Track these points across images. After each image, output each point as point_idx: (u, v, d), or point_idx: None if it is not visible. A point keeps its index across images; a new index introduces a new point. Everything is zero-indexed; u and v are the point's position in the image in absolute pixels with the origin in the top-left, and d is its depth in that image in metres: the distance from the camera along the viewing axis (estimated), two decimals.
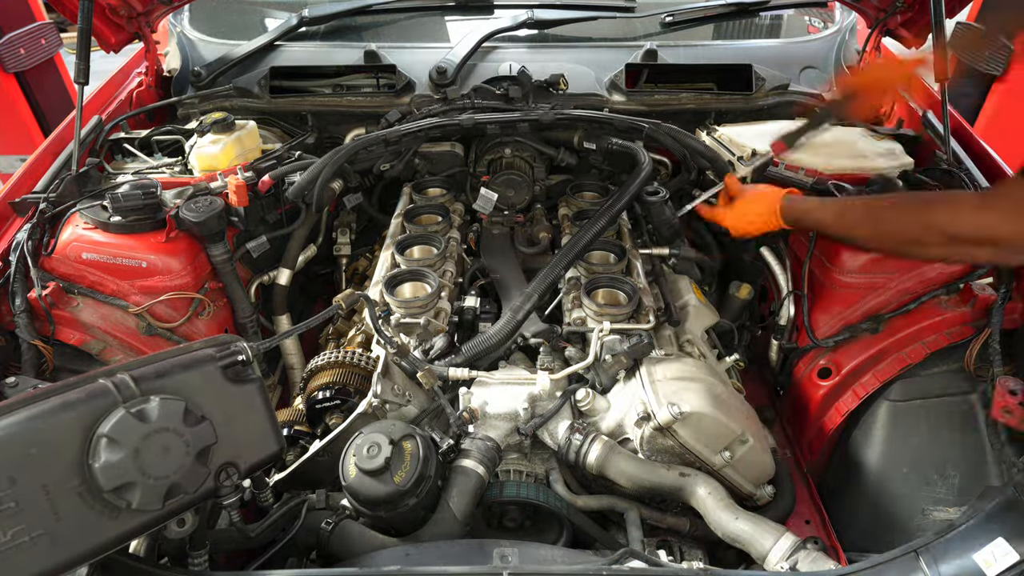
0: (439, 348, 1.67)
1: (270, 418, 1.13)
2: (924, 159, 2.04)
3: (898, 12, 2.21)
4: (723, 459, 1.45)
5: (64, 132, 2.08)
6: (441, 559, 1.20)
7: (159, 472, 0.96)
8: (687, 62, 2.39)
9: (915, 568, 1.02)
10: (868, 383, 1.77)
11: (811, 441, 1.93)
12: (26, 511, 0.87)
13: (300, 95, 2.34)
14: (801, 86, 2.36)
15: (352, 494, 1.27)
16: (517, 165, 2.26)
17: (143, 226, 1.76)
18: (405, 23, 2.66)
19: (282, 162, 2.04)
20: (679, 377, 1.51)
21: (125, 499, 0.93)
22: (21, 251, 1.67)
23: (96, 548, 0.93)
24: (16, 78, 3.73)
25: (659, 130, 2.01)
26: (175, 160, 2.08)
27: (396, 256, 1.91)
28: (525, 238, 2.16)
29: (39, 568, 0.89)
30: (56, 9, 2.15)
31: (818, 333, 1.87)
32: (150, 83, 2.42)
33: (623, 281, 1.77)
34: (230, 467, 1.07)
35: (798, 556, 1.23)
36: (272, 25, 2.60)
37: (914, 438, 1.70)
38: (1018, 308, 1.70)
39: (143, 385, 0.99)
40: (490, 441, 1.44)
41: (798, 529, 1.75)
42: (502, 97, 2.16)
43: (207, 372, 1.06)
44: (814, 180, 1.91)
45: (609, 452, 1.44)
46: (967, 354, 1.67)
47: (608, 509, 1.49)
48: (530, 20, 2.46)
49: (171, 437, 0.97)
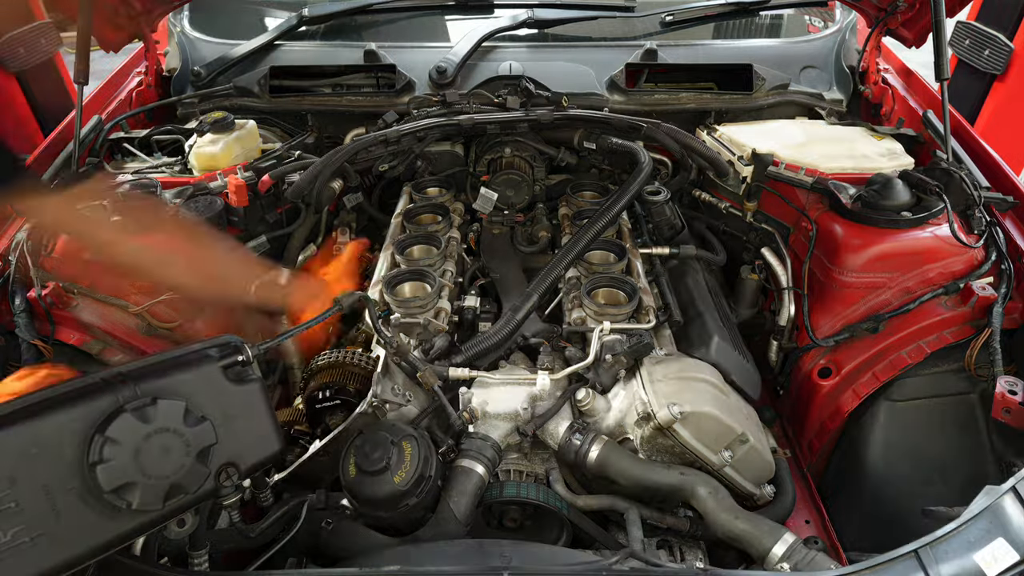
0: (439, 348, 1.67)
1: (270, 418, 1.13)
2: (924, 159, 2.05)
3: (898, 12, 2.21)
4: (723, 459, 1.45)
5: (64, 132, 2.08)
6: (441, 559, 1.20)
7: (159, 472, 0.96)
8: (687, 62, 2.39)
9: (915, 568, 1.02)
10: (868, 383, 1.77)
11: (811, 441, 1.93)
12: (26, 511, 0.87)
13: (300, 95, 2.34)
14: (801, 85, 2.36)
15: (352, 494, 1.27)
16: (517, 165, 2.26)
17: None
18: (405, 23, 2.66)
19: (282, 162, 2.04)
20: (679, 377, 1.51)
21: (125, 499, 0.93)
22: (21, 251, 1.67)
23: (96, 548, 0.93)
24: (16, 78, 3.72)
25: (657, 130, 2.01)
26: (175, 160, 2.08)
27: (396, 256, 1.91)
28: (525, 238, 2.16)
29: (39, 568, 0.88)
30: (56, 9, 2.15)
31: (818, 333, 1.87)
32: (150, 83, 2.42)
33: (623, 281, 1.77)
34: (230, 467, 1.06)
35: (798, 556, 1.23)
36: (272, 25, 2.60)
37: (914, 438, 1.70)
38: (1018, 308, 1.70)
39: (144, 385, 0.99)
40: (490, 441, 1.44)
41: (798, 529, 1.75)
42: (499, 106, 2.16)
43: (208, 372, 1.06)
44: (814, 180, 1.91)
45: (609, 452, 1.44)
46: (967, 354, 1.67)
47: (608, 509, 1.49)
48: (530, 20, 2.46)
49: (171, 437, 0.97)
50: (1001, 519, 1.04)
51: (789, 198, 2.01)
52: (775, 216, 2.09)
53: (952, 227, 1.71)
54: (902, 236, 1.78)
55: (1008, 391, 1.45)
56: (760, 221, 2.11)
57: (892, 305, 1.79)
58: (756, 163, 1.97)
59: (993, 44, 3.55)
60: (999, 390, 1.46)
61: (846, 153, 1.99)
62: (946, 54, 1.94)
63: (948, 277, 1.76)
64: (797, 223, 2.02)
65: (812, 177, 1.92)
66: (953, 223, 1.72)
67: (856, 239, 1.80)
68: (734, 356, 1.69)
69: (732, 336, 1.79)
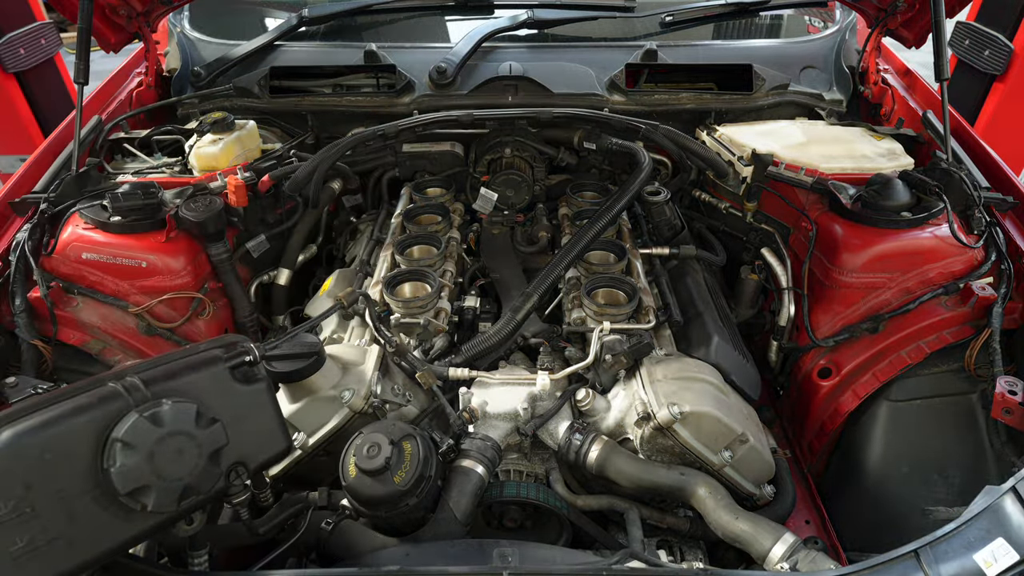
0: (439, 348, 1.67)
1: (277, 417, 1.14)
2: (924, 159, 2.05)
3: (898, 12, 2.21)
4: (723, 459, 1.44)
5: (64, 132, 2.08)
6: (441, 559, 1.20)
7: (173, 474, 0.97)
8: (687, 62, 2.39)
9: (915, 568, 1.02)
10: (868, 383, 1.77)
11: (811, 441, 1.93)
12: (42, 516, 0.88)
13: (300, 95, 2.34)
14: (801, 86, 2.36)
15: (352, 494, 1.27)
16: (517, 165, 2.26)
17: (143, 226, 1.76)
18: (405, 23, 2.65)
19: (282, 162, 2.04)
20: (679, 377, 1.51)
21: (141, 501, 0.94)
22: (21, 251, 1.67)
23: (111, 550, 0.94)
24: (16, 78, 3.73)
25: (656, 132, 2.01)
26: (175, 160, 2.08)
27: (396, 256, 1.91)
28: (525, 238, 2.16)
29: (55, 571, 0.89)
30: (56, 9, 2.15)
31: (818, 333, 1.87)
32: (150, 83, 2.42)
33: (623, 281, 1.77)
34: (239, 466, 1.08)
35: (798, 556, 1.23)
36: (272, 25, 2.60)
37: (914, 438, 1.70)
38: (1018, 308, 1.70)
39: (153, 388, 1.00)
40: (490, 441, 1.44)
41: (798, 529, 1.75)
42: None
43: (216, 373, 1.08)
44: (814, 180, 1.91)
45: (609, 452, 1.44)
46: (967, 354, 1.67)
47: (608, 509, 1.49)
48: (530, 20, 2.45)
49: (184, 440, 0.98)
50: (1001, 519, 1.04)
51: (789, 198, 2.01)
52: (775, 216, 2.09)
53: (952, 227, 1.71)
54: (902, 236, 1.78)
55: (1008, 391, 1.45)
56: (760, 221, 2.11)
57: (892, 305, 1.79)
58: (756, 163, 1.97)
59: (993, 44, 3.55)
60: (999, 390, 1.46)
61: (846, 153, 1.99)
62: (946, 54, 1.94)
63: (948, 277, 1.76)
64: (797, 223, 2.02)
65: (812, 177, 1.92)
66: (953, 223, 1.72)
67: (856, 239, 1.80)
68: (734, 356, 1.69)
69: (732, 336, 1.79)
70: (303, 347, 1.37)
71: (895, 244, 1.78)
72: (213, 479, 1.02)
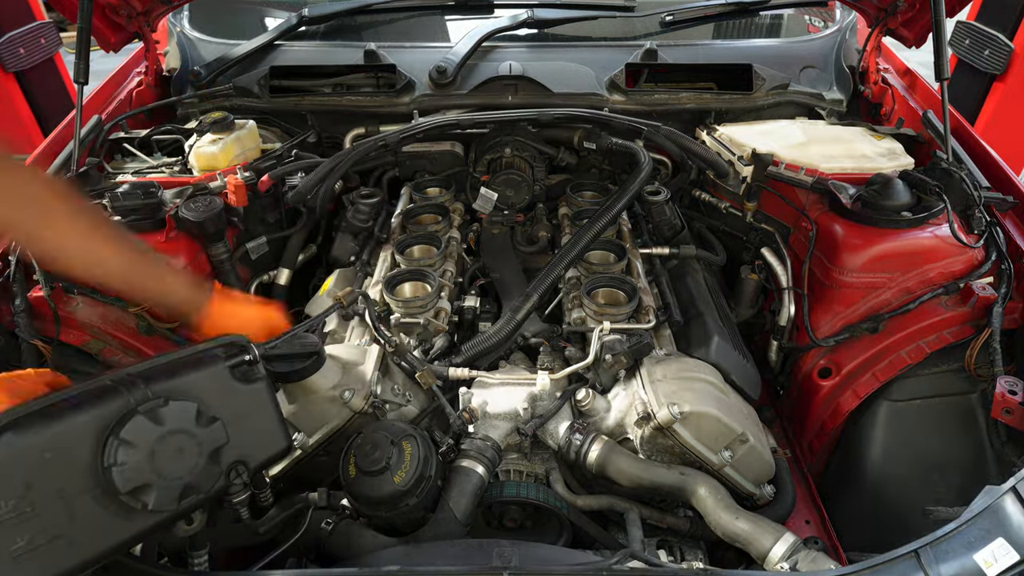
0: (439, 348, 1.67)
1: (277, 416, 1.15)
2: (924, 159, 2.05)
3: (898, 12, 2.20)
4: (723, 459, 1.44)
5: (64, 132, 2.08)
6: (441, 559, 1.20)
7: (174, 473, 0.97)
8: (687, 62, 2.39)
9: (915, 568, 1.02)
10: (868, 383, 1.77)
11: (811, 441, 1.93)
12: (42, 515, 0.88)
13: (300, 95, 2.34)
14: (801, 85, 2.36)
15: (352, 494, 1.28)
16: (517, 165, 2.26)
17: (143, 226, 1.76)
18: (405, 23, 2.65)
19: (282, 162, 2.04)
20: (679, 377, 1.51)
21: (141, 500, 0.95)
22: (21, 251, 1.67)
23: (112, 549, 0.95)
24: (16, 78, 3.73)
25: (657, 133, 2.01)
26: (175, 160, 2.07)
27: (396, 256, 1.91)
28: (525, 238, 2.16)
29: (56, 570, 0.89)
30: (56, 8, 2.15)
31: (818, 333, 1.87)
32: (150, 83, 2.42)
33: (623, 281, 1.77)
34: (240, 465, 1.08)
35: (798, 556, 1.23)
36: (272, 25, 2.60)
37: (914, 438, 1.70)
38: (1018, 308, 1.70)
39: (154, 387, 1.00)
40: (490, 441, 1.44)
41: (798, 529, 1.75)
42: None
43: (216, 372, 1.08)
44: (814, 179, 1.91)
45: (609, 452, 1.44)
46: (967, 354, 1.67)
47: (608, 509, 1.49)
48: (530, 19, 2.45)
49: (184, 438, 0.99)
50: (1001, 519, 1.04)
51: (789, 198, 2.01)
52: (775, 216, 2.08)
53: (952, 227, 1.71)
54: (902, 236, 1.78)
55: (1008, 391, 1.45)
56: (760, 221, 2.11)
57: (892, 305, 1.79)
58: (756, 163, 1.97)
59: (993, 44, 3.56)
60: (999, 390, 1.46)
61: (846, 153, 1.99)
62: (946, 54, 1.94)
63: (948, 277, 1.76)
64: (797, 223, 2.02)
65: (812, 177, 1.92)
66: (953, 223, 1.72)
67: (856, 239, 1.80)
68: (734, 356, 1.69)
69: (732, 336, 1.79)
70: (303, 347, 1.37)
71: (895, 244, 1.78)
72: (213, 478, 1.03)
